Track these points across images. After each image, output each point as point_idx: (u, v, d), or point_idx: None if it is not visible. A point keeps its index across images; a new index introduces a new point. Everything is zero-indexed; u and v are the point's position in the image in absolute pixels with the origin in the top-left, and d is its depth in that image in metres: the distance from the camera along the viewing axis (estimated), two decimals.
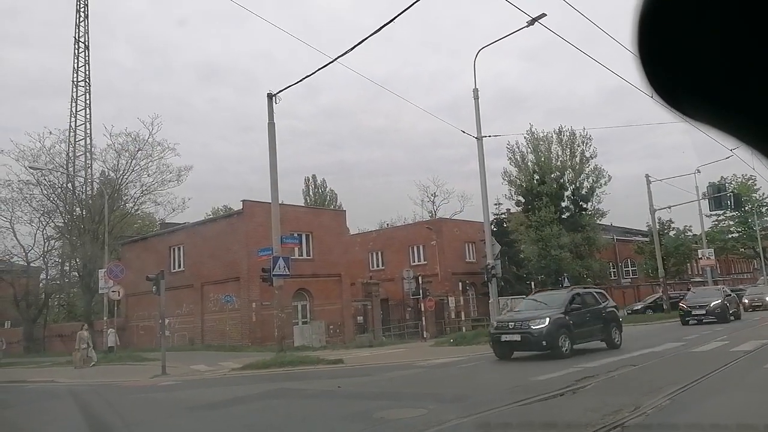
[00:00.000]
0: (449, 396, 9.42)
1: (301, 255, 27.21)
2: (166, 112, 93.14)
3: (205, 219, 35.45)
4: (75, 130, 40.45)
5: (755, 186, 54.46)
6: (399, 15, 13.73)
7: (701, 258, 40.06)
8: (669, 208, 37.01)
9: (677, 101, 0.80)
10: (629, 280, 49.62)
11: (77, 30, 41.15)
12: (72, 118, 40.75)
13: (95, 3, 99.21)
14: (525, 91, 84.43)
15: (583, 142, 43.07)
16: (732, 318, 24.17)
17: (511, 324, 14.11)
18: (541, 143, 43.06)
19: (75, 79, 41.23)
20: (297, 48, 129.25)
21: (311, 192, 57.12)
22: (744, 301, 31.02)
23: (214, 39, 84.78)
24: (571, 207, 42.84)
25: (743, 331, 18.75)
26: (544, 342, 13.35)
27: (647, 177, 33.39)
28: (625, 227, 54.05)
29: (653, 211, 34.51)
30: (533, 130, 43.52)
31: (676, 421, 6.58)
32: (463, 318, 33.30)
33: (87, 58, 41.50)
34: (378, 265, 40.80)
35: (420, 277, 30.78)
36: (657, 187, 43.07)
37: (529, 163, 42.96)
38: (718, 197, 33.02)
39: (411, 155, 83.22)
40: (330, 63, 15.84)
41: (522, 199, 42.34)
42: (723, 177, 39.05)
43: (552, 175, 41.89)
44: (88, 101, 41.56)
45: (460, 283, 34.04)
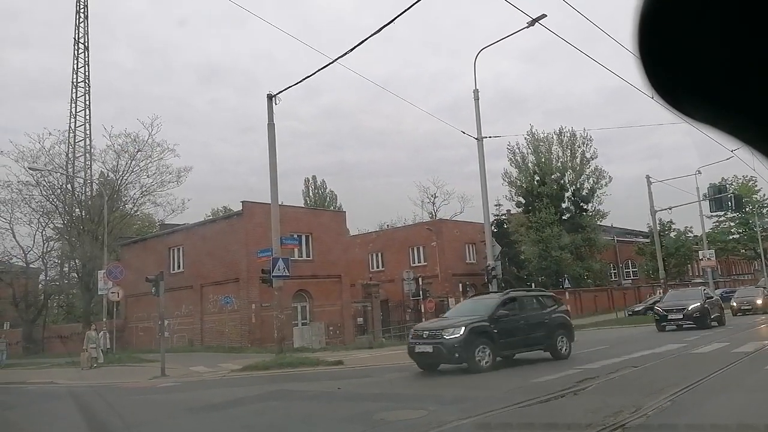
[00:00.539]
0: (449, 397, 9.41)
1: (301, 256, 27.20)
2: (166, 112, 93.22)
3: (205, 220, 35.44)
4: (74, 131, 40.46)
5: (756, 187, 54.52)
6: (399, 15, 13.75)
7: (702, 259, 40.05)
8: (670, 209, 37.07)
9: (678, 101, 0.79)
10: (630, 281, 49.61)
11: (77, 31, 41.18)
12: (72, 119, 40.77)
13: (95, 4, 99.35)
14: (525, 92, 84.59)
15: (584, 142, 43.19)
16: (714, 323, 21.76)
17: (426, 333, 12.72)
18: (542, 144, 43.13)
19: (75, 80, 41.27)
20: (297, 48, 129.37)
21: (311, 193, 57.17)
22: (732, 305, 29.41)
23: (214, 39, 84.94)
24: (572, 208, 42.89)
25: (740, 334, 18.76)
26: (456, 354, 11.89)
27: (648, 178, 33.41)
28: (626, 228, 54.06)
29: (654, 212, 34.52)
30: (533, 131, 43.65)
31: (676, 422, 6.57)
32: None
33: (87, 58, 41.53)
34: (378, 266, 40.80)
35: (420, 278, 30.84)
36: (657, 188, 43.08)
37: (530, 164, 43.01)
38: (718, 198, 33.01)
39: (411, 156, 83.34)
40: (330, 63, 15.86)
41: (522, 200, 42.39)
42: (724, 178, 39.07)
43: (552, 176, 41.94)
44: (87, 102, 41.59)
45: (460, 284, 34.05)
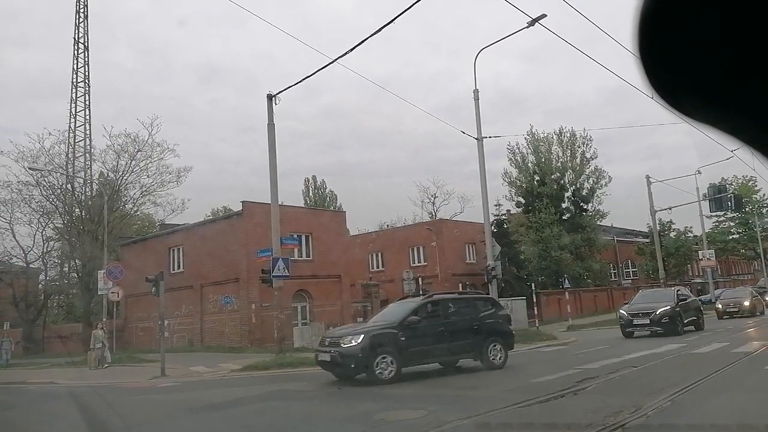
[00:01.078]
0: (449, 397, 9.42)
1: (301, 256, 27.19)
2: (165, 112, 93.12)
3: (205, 220, 35.41)
4: (74, 131, 40.45)
5: (756, 187, 54.51)
6: (399, 15, 13.75)
7: (702, 259, 40.08)
8: (669, 209, 37.08)
9: (677, 101, 0.79)
10: (630, 281, 49.60)
11: (77, 31, 41.17)
12: (71, 119, 40.76)
13: (95, 4, 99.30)
14: (525, 92, 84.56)
15: (584, 143, 43.16)
16: (690, 328, 19.65)
17: (328, 340, 12.06)
18: (542, 144, 43.11)
19: (75, 80, 41.26)
20: (297, 49, 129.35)
21: (311, 193, 57.15)
22: (717, 307, 27.48)
23: (214, 39, 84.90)
24: (572, 208, 42.87)
25: (739, 335, 18.76)
26: (352, 364, 11.13)
27: (648, 178, 33.42)
28: (626, 228, 54.06)
29: (654, 212, 34.54)
30: (533, 131, 43.60)
31: (676, 422, 6.58)
32: None
33: (87, 58, 41.52)
34: (378, 266, 40.80)
35: (420, 278, 30.84)
36: (657, 188, 43.09)
37: (530, 164, 42.99)
38: (718, 198, 33.02)
39: (411, 156, 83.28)
40: (330, 63, 15.86)
41: (522, 200, 42.37)
42: (723, 178, 39.08)
43: (552, 176, 41.93)
44: (87, 102, 41.58)
45: (460, 284, 34.02)
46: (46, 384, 16.60)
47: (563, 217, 41.70)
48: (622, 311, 20.10)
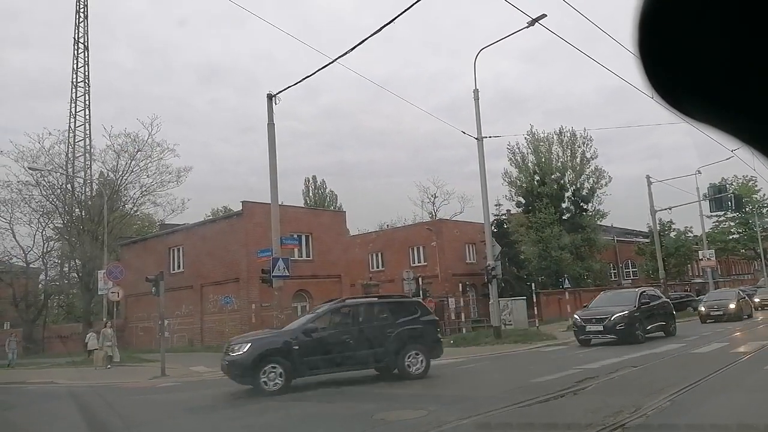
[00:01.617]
0: (449, 397, 9.42)
1: (301, 256, 27.20)
2: (165, 112, 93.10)
3: (205, 220, 35.43)
4: (74, 130, 40.48)
5: (756, 187, 54.54)
6: (399, 15, 13.75)
7: (702, 259, 40.07)
8: (669, 209, 37.07)
9: (678, 101, 0.79)
10: (630, 281, 49.60)
11: (77, 31, 41.20)
12: (71, 118, 40.79)
13: (95, 4, 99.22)
14: (525, 92, 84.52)
15: (584, 142, 43.12)
16: (660, 334, 17.65)
17: (226, 346, 11.75)
18: (542, 144, 43.09)
19: (75, 80, 41.28)
20: (297, 48, 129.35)
21: (311, 193, 57.13)
22: (700, 309, 25.62)
23: (214, 39, 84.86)
24: (572, 208, 42.86)
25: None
26: (239, 373, 10.84)
27: (648, 178, 33.41)
28: (626, 228, 54.06)
29: (654, 212, 34.53)
30: (533, 131, 43.57)
31: (676, 422, 6.58)
32: (464, 319, 33.27)
33: (87, 58, 41.55)
34: (378, 266, 40.79)
35: (420, 278, 30.81)
36: (657, 188, 42.99)
37: (530, 164, 42.98)
38: (718, 198, 33.02)
39: (411, 156, 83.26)
40: (330, 63, 15.85)
41: (522, 200, 42.36)
42: (724, 178, 39.07)
43: (552, 176, 41.91)
44: (87, 102, 41.61)
45: (460, 284, 34.00)
46: (46, 384, 16.60)
47: (563, 217, 41.68)
48: (575, 316, 18.19)
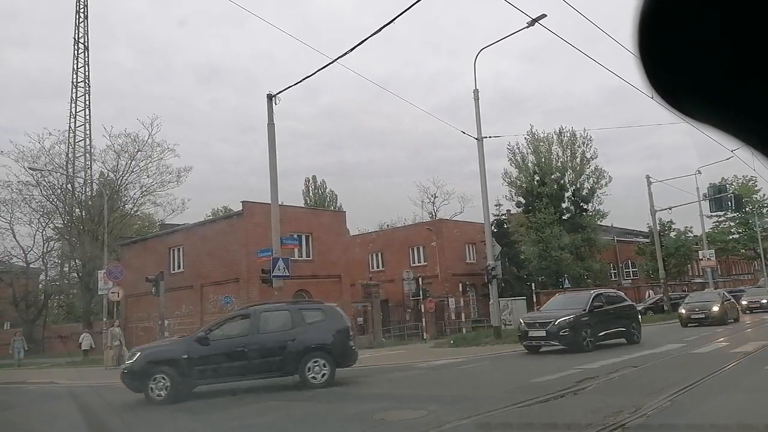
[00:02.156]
0: (449, 397, 9.42)
1: (301, 256, 27.19)
2: (165, 112, 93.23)
3: (205, 220, 35.42)
4: (74, 131, 40.51)
5: (756, 187, 54.55)
6: (399, 16, 13.75)
7: (702, 259, 40.06)
8: (669, 209, 37.06)
9: (677, 101, 0.79)
10: (630, 281, 49.61)
11: (77, 31, 41.23)
12: (71, 119, 40.82)
13: (95, 4, 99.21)
14: (525, 92, 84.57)
15: (584, 142, 43.12)
16: (621, 341, 16.01)
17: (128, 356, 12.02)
18: (542, 144, 43.09)
19: (75, 80, 41.31)
20: (297, 48, 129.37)
21: (311, 193, 57.13)
22: (680, 312, 23.66)
23: (214, 39, 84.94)
24: (572, 208, 42.87)
25: (742, 334, 18.73)
26: (130, 382, 10.94)
27: (648, 178, 33.41)
28: (626, 228, 54.07)
29: (654, 212, 34.52)
30: (533, 131, 43.57)
31: (676, 422, 6.58)
32: (464, 319, 33.30)
33: (87, 58, 41.58)
34: (378, 266, 40.79)
35: (420, 278, 30.81)
36: (657, 188, 42.96)
37: (530, 164, 42.98)
38: (718, 198, 33.01)
39: (411, 156, 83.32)
40: (330, 63, 15.85)
41: (522, 200, 42.36)
42: (724, 178, 39.05)
43: (552, 176, 41.92)
44: (87, 102, 41.65)
45: (460, 284, 34.05)
46: (46, 384, 16.60)
47: (563, 217, 41.69)
48: (520, 320, 17.15)
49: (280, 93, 17.67)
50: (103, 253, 27.12)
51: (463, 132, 21.67)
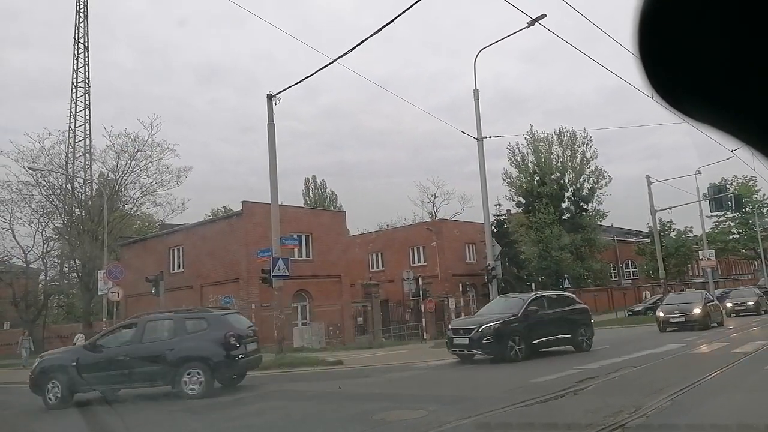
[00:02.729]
0: (449, 397, 9.41)
1: (301, 256, 27.20)
2: (165, 112, 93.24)
3: (205, 220, 35.44)
4: (74, 131, 40.54)
5: (756, 187, 54.57)
6: (399, 16, 13.75)
7: (702, 259, 40.06)
8: (669, 209, 37.03)
9: (678, 101, 0.79)
10: (630, 281, 49.64)
11: (77, 31, 41.25)
12: (71, 119, 40.84)
13: (95, 4, 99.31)
14: (525, 92, 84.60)
15: (584, 143, 43.22)
16: (568, 348, 14.88)
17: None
18: (542, 144, 43.16)
19: (75, 80, 41.33)
20: (297, 48, 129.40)
21: (311, 193, 57.18)
22: (658, 315, 21.40)
23: (214, 39, 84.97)
24: (572, 208, 42.92)
25: (741, 335, 18.73)
26: (32, 388, 11.48)
27: (648, 178, 33.39)
28: (626, 228, 54.10)
29: (654, 212, 34.51)
30: (533, 131, 43.65)
31: (676, 422, 6.58)
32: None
33: (87, 59, 41.61)
34: (378, 266, 40.80)
35: (420, 278, 30.77)
36: (657, 188, 43.02)
37: (530, 164, 43.03)
38: (718, 198, 33.00)
39: (411, 156, 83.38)
40: (330, 64, 15.85)
41: (522, 200, 42.41)
42: (724, 178, 39.04)
43: (552, 176, 41.97)
44: (87, 102, 41.67)
45: (460, 284, 34.00)
46: None
47: (563, 217, 41.74)
48: (449, 325, 16.06)
49: (280, 93, 17.69)
50: (103, 253, 27.11)
51: (463, 132, 21.69)
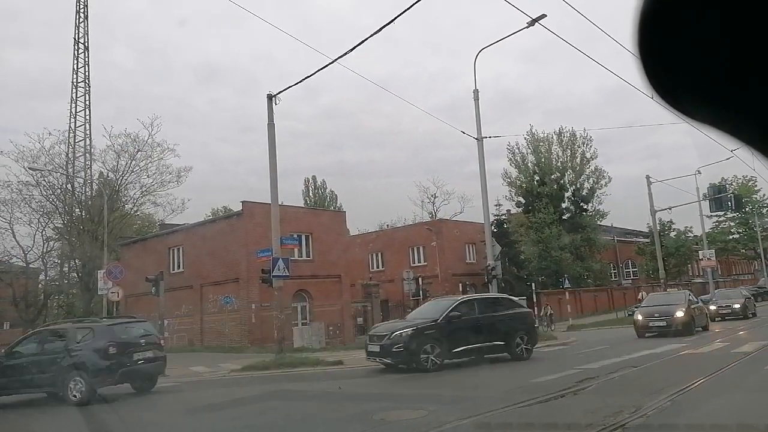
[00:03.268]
0: (449, 397, 9.41)
1: (301, 256, 27.18)
2: (165, 112, 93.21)
3: (205, 220, 35.41)
4: (74, 131, 40.42)
5: (756, 187, 54.61)
6: (399, 16, 13.73)
7: (702, 259, 40.06)
8: (669, 209, 37.01)
9: (678, 101, 0.79)
10: (630, 281, 49.63)
11: (77, 31, 41.13)
12: (71, 119, 40.73)
13: (95, 4, 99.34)
14: (525, 92, 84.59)
15: (584, 143, 43.22)
16: (503, 357, 13.96)
17: None
18: (542, 144, 43.16)
19: (75, 80, 41.23)
20: (297, 48, 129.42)
21: (311, 193, 57.15)
22: (636, 319, 19.50)
23: (214, 39, 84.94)
24: (572, 208, 42.92)
25: (740, 335, 18.72)
26: None
27: (648, 178, 33.37)
28: (626, 228, 54.09)
29: (654, 212, 34.49)
30: (533, 131, 43.65)
31: (676, 422, 6.58)
32: None
33: (87, 59, 41.49)
34: (378, 266, 40.79)
35: (420, 278, 30.83)
36: (657, 188, 43.04)
37: (530, 164, 43.03)
38: (718, 198, 32.99)
39: (411, 156, 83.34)
40: (330, 64, 15.83)
41: (522, 200, 42.41)
42: (723, 178, 39.07)
43: (552, 176, 41.97)
44: (87, 102, 41.54)
45: (460, 284, 34.05)
46: None
47: (563, 217, 41.74)
48: (368, 331, 15.61)
49: (280, 93, 17.67)
50: (103, 253, 27.10)
51: (463, 132, 21.68)
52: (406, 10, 13.51)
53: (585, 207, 43.15)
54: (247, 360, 17.08)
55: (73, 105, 41.03)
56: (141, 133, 32.08)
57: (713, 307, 25.61)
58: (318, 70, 16.32)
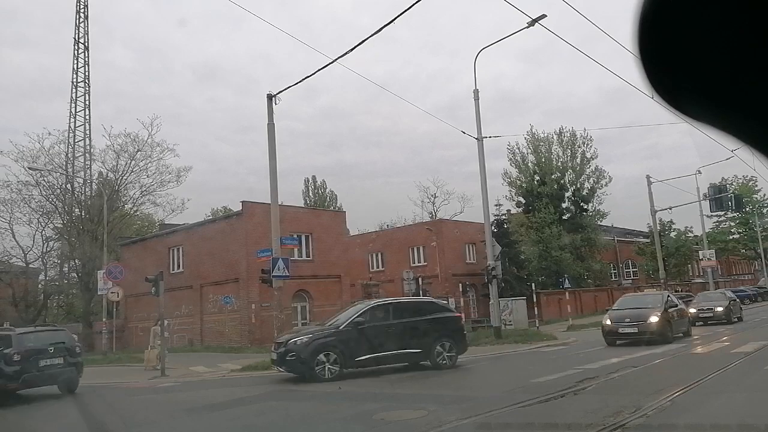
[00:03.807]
0: (449, 397, 9.42)
1: (301, 256, 27.18)
2: (165, 112, 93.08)
3: (205, 220, 35.40)
4: (74, 130, 40.47)
5: (756, 187, 54.64)
6: (399, 16, 13.74)
7: (702, 259, 40.08)
8: (670, 209, 37.03)
9: (678, 101, 0.79)
10: (630, 281, 49.63)
11: (77, 31, 41.18)
12: (71, 119, 40.78)
13: (95, 4, 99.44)
14: (525, 92, 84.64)
15: (584, 142, 43.18)
16: (425, 366, 13.35)
17: None
18: (542, 144, 43.14)
19: (74, 80, 41.26)
20: (296, 49, 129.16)
21: (311, 193, 57.14)
22: (605, 323, 17.35)
23: (213, 39, 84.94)
24: (572, 208, 42.90)
25: (741, 335, 18.71)
26: None
27: (648, 178, 33.37)
28: (626, 228, 54.10)
29: (654, 212, 34.51)
30: (533, 131, 43.63)
31: (676, 422, 6.58)
32: (464, 319, 33.25)
33: (86, 59, 41.52)
34: (378, 266, 40.77)
35: (420, 278, 30.81)
36: (657, 188, 43.08)
37: (530, 164, 43.02)
38: (718, 198, 33.00)
39: (411, 156, 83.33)
40: (330, 64, 15.85)
41: (522, 200, 42.40)
42: (724, 178, 39.19)
43: (552, 176, 41.95)
44: (87, 102, 41.59)
45: (460, 284, 34.00)
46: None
47: (563, 217, 41.73)
48: (277, 339, 14.37)
49: (280, 93, 17.68)
50: (103, 253, 27.09)
51: (463, 132, 21.71)
52: (406, 10, 13.53)
53: (585, 207, 43.13)
54: (248, 360, 17.08)
55: (73, 105, 41.08)
56: (141, 133, 32.14)
57: (693, 310, 23.18)
58: (318, 70, 16.35)
